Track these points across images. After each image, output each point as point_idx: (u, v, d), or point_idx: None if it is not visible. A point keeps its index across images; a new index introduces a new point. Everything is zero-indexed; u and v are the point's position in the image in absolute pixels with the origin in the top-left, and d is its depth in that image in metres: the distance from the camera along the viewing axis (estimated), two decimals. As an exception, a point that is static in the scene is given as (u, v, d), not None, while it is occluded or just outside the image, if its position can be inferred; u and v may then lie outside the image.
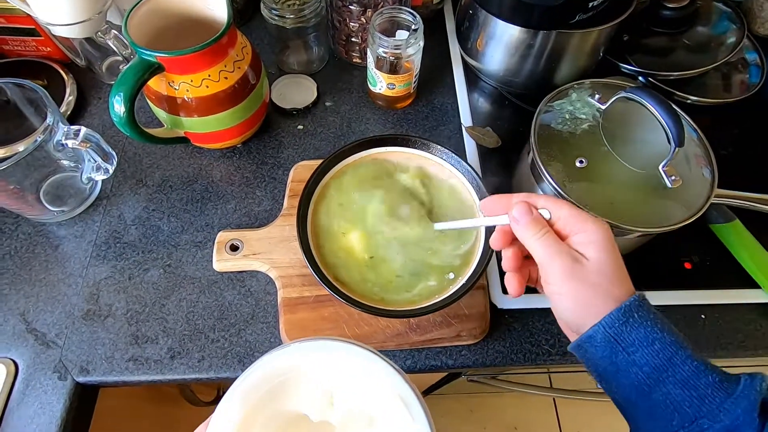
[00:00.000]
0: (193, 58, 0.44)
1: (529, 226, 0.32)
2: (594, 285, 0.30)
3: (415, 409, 0.23)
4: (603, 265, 0.31)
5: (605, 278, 0.30)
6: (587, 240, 0.31)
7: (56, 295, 0.47)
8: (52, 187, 0.49)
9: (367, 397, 0.25)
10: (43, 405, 0.42)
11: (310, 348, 0.25)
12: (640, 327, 0.29)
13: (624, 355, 0.29)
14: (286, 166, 0.56)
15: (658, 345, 0.29)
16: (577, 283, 0.30)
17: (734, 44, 0.60)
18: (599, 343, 0.30)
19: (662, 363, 0.28)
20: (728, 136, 0.61)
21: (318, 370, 0.25)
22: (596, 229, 0.31)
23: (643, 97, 0.42)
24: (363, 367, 0.24)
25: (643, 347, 0.29)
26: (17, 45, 0.60)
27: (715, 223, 0.52)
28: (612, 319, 0.29)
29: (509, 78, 0.60)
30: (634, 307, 0.30)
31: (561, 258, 0.31)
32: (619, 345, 0.29)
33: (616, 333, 0.29)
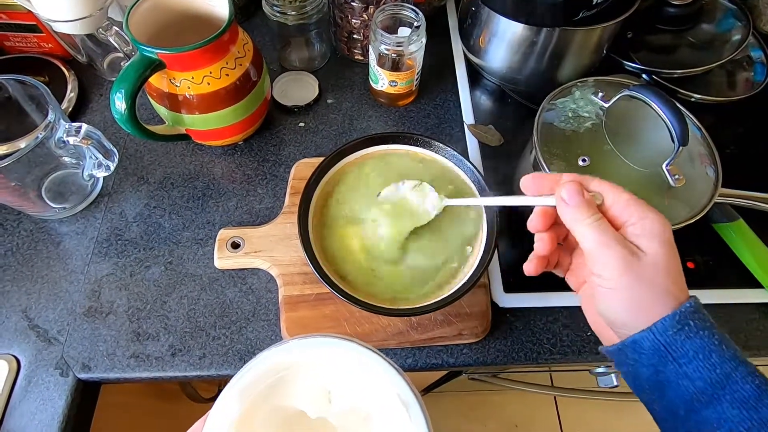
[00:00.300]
0: (194, 55, 0.44)
1: (581, 209, 0.29)
2: (652, 282, 0.27)
3: (413, 410, 0.23)
4: (664, 260, 0.28)
5: (665, 276, 0.27)
6: (646, 231, 0.28)
7: (58, 291, 0.47)
8: (53, 184, 0.49)
9: (365, 394, 0.25)
10: (45, 401, 0.42)
11: (309, 344, 0.24)
12: (696, 337, 0.26)
13: (675, 366, 0.26)
14: (287, 164, 0.56)
15: (716, 358, 0.26)
16: (633, 278, 0.27)
17: (739, 42, 0.59)
18: (646, 350, 0.27)
19: (719, 378, 0.26)
20: (732, 135, 0.60)
21: (317, 366, 0.25)
22: (655, 220, 0.28)
23: (646, 95, 0.41)
24: (362, 364, 0.24)
25: (698, 360, 0.26)
26: (18, 41, 0.60)
27: (719, 222, 0.51)
28: (665, 326, 0.26)
29: (512, 75, 0.60)
30: (689, 314, 0.27)
31: (617, 248, 0.28)
32: (670, 355, 0.26)
33: (668, 342, 0.26)
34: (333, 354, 0.24)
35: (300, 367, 0.25)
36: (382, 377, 0.24)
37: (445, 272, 0.43)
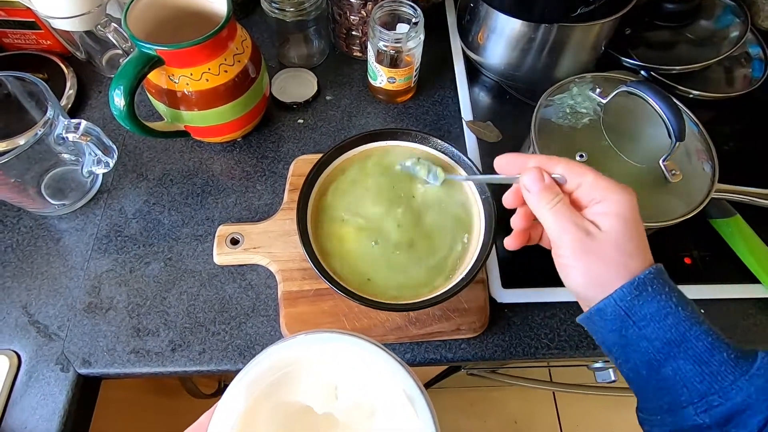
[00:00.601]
0: (193, 52, 0.44)
1: (540, 195, 0.31)
2: (607, 259, 0.29)
3: (419, 404, 0.23)
4: (619, 237, 0.29)
5: (620, 251, 0.29)
6: (606, 210, 0.30)
7: (58, 287, 0.47)
8: (53, 181, 0.49)
9: (371, 390, 0.25)
10: (46, 396, 0.42)
11: (316, 340, 0.25)
12: (653, 301, 0.28)
13: (635, 329, 0.28)
14: (286, 160, 0.56)
15: (671, 319, 0.28)
16: (588, 256, 0.29)
17: (737, 38, 0.59)
18: (609, 316, 0.29)
19: (675, 338, 0.27)
20: (730, 131, 0.61)
21: (323, 362, 0.25)
22: (619, 198, 0.29)
23: (644, 91, 0.42)
24: (368, 360, 0.24)
25: (655, 321, 0.28)
26: (17, 38, 0.60)
27: (716, 218, 0.51)
28: (624, 293, 0.28)
29: (510, 72, 0.60)
30: (648, 281, 0.28)
31: (573, 230, 0.30)
32: (630, 319, 0.28)
33: (627, 306, 0.28)
34: (339, 349, 0.24)
35: (306, 363, 0.25)
36: (387, 372, 0.24)
37: (443, 267, 0.43)
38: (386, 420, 0.24)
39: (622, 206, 0.29)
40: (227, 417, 0.23)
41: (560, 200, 0.30)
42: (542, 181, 0.31)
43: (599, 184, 0.30)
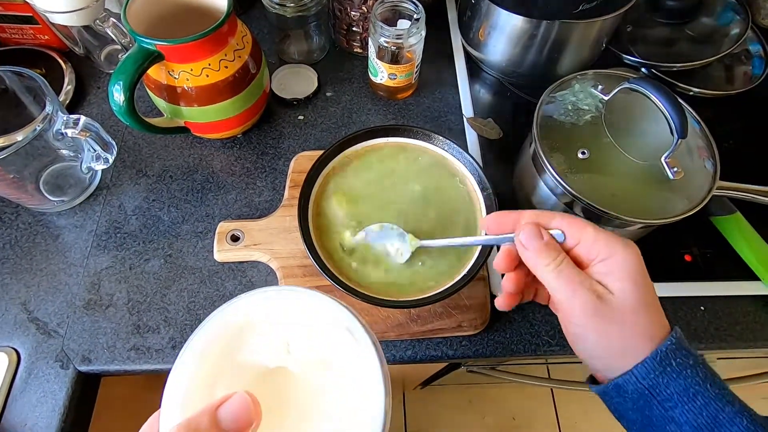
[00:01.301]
0: (193, 47, 0.43)
1: (540, 254, 0.28)
2: (624, 324, 0.26)
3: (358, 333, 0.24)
4: (633, 299, 0.26)
5: (637, 315, 0.26)
6: (615, 269, 0.27)
7: (57, 284, 0.47)
8: (51, 177, 0.49)
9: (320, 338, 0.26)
10: (46, 393, 0.42)
11: (260, 298, 0.26)
12: (680, 377, 0.25)
13: (660, 410, 0.25)
14: (286, 157, 0.56)
15: (701, 400, 0.25)
16: (602, 321, 0.26)
17: (738, 35, 0.59)
18: (630, 395, 0.26)
19: (706, 422, 0.24)
20: (730, 128, 0.61)
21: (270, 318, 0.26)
22: (624, 255, 0.27)
23: (646, 87, 0.41)
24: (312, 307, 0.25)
25: (683, 403, 0.25)
26: (15, 33, 0.59)
27: (716, 215, 0.52)
28: (647, 369, 0.25)
29: (511, 69, 0.60)
30: (671, 353, 0.25)
31: (583, 294, 0.27)
32: (655, 399, 0.25)
33: (651, 385, 0.25)
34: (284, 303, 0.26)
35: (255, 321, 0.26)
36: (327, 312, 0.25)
37: (444, 264, 0.43)
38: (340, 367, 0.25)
39: (630, 265, 0.27)
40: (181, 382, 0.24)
41: (563, 259, 0.28)
42: (541, 239, 0.28)
43: (600, 240, 0.27)
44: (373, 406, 0.23)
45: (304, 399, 0.25)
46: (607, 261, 0.27)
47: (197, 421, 0.21)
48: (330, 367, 0.25)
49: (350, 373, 0.25)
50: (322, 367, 0.25)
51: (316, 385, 0.25)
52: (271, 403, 0.24)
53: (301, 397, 0.25)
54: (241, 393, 0.22)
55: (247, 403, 0.22)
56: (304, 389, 0.25)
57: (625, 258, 0.27)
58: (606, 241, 0.27)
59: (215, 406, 0.22)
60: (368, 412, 0.23)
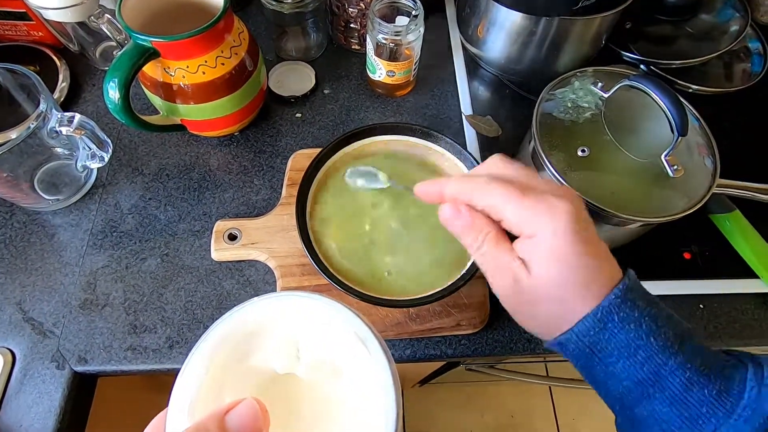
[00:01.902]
0: (189, 44, 0.43)
1: (462, 236, 0.27)
2: (549, 300, 0.25)
3: (371, 344, 0.23)
4: (556, 278, 0.25)
5: (563, 288, 0.25)
6: (532, 250, 0.25)
7: (53, 284, 0.46)
8: (46, 175, 0.48)
9: (331, 345, 0.25)
10: (42, 394, 0.41)
11: (270, 302, 0.25)
12: (621, 332, 0.24)
13: (602, 366, 0.25)
14: (284, 155, 0.55)
15: (642, 354, 0.24)
16: (525, 302, 0.26)
17: (737, 33, 0.59)
18: (572, 352, 0.26)
19: (647, 376, 0.24)
20: (730, 126, 0.60)
21: (281, 323, 0.25)
22: (546, 235, 0.25)
23: (646, 85, 0.41)
24: (323, 314, 0.25)
25: (625, 358, 0.24)
26: (8, 29, 0.58)
27: (715, 213, 0.51)
28: (586, 327, 0.25)
29: (511, 66, 0.59)
30: (614, 307, 0.24)
31: (499, 273, 0.26)
32: (596, 356, 0.25)
33: (592, 342, 0.25)
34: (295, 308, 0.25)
35: (263, 326, 0.25)
36: (341, 322, 0.24)
37: (443, 263, 0.43)
38: (350, 377, 0.24)
39: (551, 245, 0.24)
40: (190, 386, 0.23)
41: (485, 239, 0.26)
42: (459, 218, 0.27)
43: (521, 220, 0.25)
44: (383, 417, 0.22)
45: (312, 406, 0.24)
46: (531, 240, 0.25)
47: (204, 426, 0.20)
48: (340, 375, 0.25)
49: (361, 383, 0.24)
50: (332, 375, 0.25)
51: (325, 392, 0.24)
52: (279, 409, 0.24)
53: (310, 404, 0.24)
54: (249, 399, 0.22)
55: (256, 410, 0.21)
56: (313, 397, 0.24)
57: (545, 229, 0.24)
58: (529, 218, 0.25)
59: (223, 412, 0.21)
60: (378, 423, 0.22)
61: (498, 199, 0.25)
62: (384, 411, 0.22)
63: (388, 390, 0.23)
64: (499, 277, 0.26)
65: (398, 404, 0.22)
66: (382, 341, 0.24)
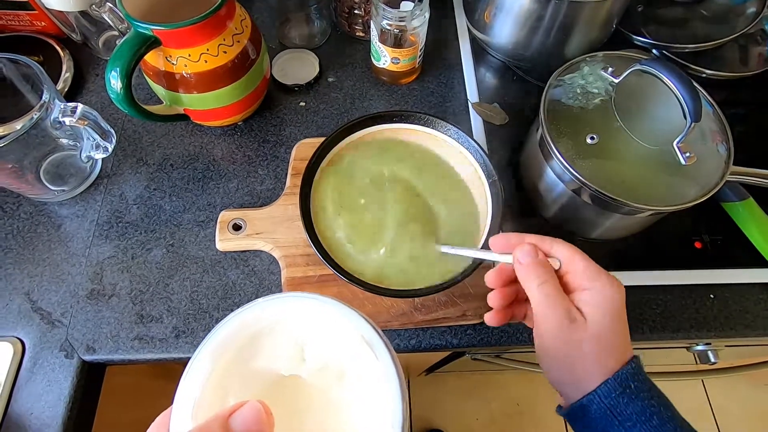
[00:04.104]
0: (190, 31, 0.42)
1: (531, 269, 0.31)
2: (585, 351, 0.29)
3: (378, 348, 0.23)
4: (602, 330, 0.29)
5: (600, 347, 0.29)
6: (592, 300, 0.29)
7: (60, 274, 0.47)
8: (51, 166, 0.48)
9: (338, 348, 0.25)
10: (51, 383, 0.42)
11: (277, 303, 0.25)
12: (637, 399, 0.28)
13: (620, 429, 0.28)
14: (288, 144, 0.55)
15: (656, 420, 0.27)
16: (567, 344, 0.29)
17: (754, 15, 0.57)
18: (594, 414, 0.28)
19: None
20: (745, 112, 0.59)
21: (287, 325, 0.25)
22: (606, 289, 0.29)
23: (658, 69, 0.40)
24: (330, 316, 0.24)
25: (642, 423, 0.27)
26: (11, 19, 0.58)
27: (728, 201, 0.50)
28: (608, 389, 0.28)
29: (518, 52, 0.58)
30: (630, 376, 0.28)
31: (558, 313, 0.29)
32: (616, 419, 0.28)
33: (612, 405, 0.28)
34: (301, 310, 0.25)
35: (271, 327, 0.25)
36: (348, 324, 0.24)
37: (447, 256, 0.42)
38: (354, 381, 0.24)
39: (609, 299, 0.29)
40: (193, 386, 0.23)
41: (550, 278, 0.30)
42: (536, 256, 0.31)
43: (589, 271, 0.30)
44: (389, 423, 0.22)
45: (316, 409, 0.24)
46: (590, 291, 0.30)
47: (208, 428, 0.21)
48: (345, 377, 0.24)
49: (367, 387, 0.24)
50: (337, 378, 0.24)
51: (330, 395, 0.24)
52: (283, 412, 0.23)
53: (314, 407, 0.24)
54: (254, 402, 0.22)
55: (260, 412, 0.21)
56: (318, 399, 0.24)
57: (604, 291, 0.29)
58: (591, 274, 0.30)
59: (227, 414, 0.21)
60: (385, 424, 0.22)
61: (574, 254, 0.31)
62: (390, 417, 0.22)
63: (395, 396, 0.22)
64: (555, 311, 0.29)
65: (404, 411, 0.22)
66: (390, 346, 0.24)
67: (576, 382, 0.29)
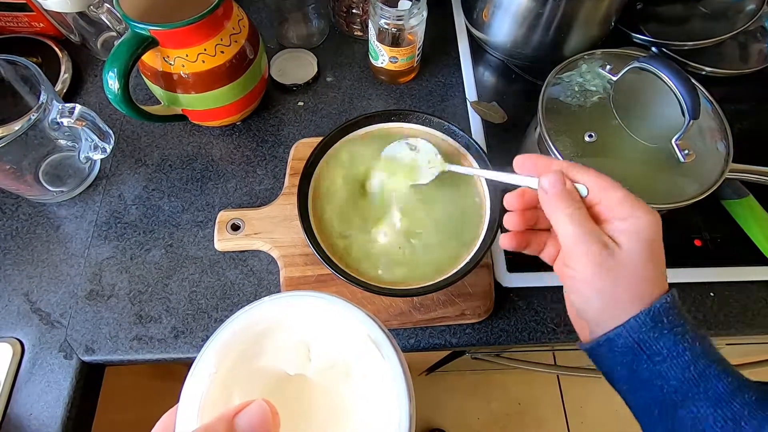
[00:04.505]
0: (187, 31, 0.42)
1: (559, 198, 0.28)
2: (623, 280, 0.27)
3: (385, 348, 0.23)
4: (639, 258, 0.27)
5: (638, 275, 0.27)
6: (629, 228, 0.27)
7: (59, 275, 0.47)
8: (50, 167, 0.48)
9: (344, 348, 0.25)
10: (50, 383, 0.42)
11: (283, 302, 0.25)
12: (670, 334, 0.26)
13: (648, 364, 0.26)
14: (286, 144, 0.55)
15: (689, 355, 0.25)
16: (604, 274, 0.27)
17: (754, 11, 0.57)
18: (620, 348, 0.27)
19: (693, 377, 0.25)
20: (744, 109, 0.59)
21: (293, 324, 0.25)
22: (646, 218, 0.27)
23: (656, 66, 0.40)
24: (336, 315, 0.24)
25: (672, 358, 0.25)
26: (9, 21, 0.58)
27: (728, 198, 0.50)
28: (638, 323, 0.26)
29: (516, 50, 0.58)
30: (664, 311, 0.26)
31: (590, 241, 0.27)
32: (644, 353, 0.26)
33: (641, 339, 0.26)
34: (307, 308, 0.25)
35: (276, 326, 0.25)
36: (354, 323, 0.24)
37: (447, 252, 0.42)
38: (361, 379, 0.24)
39: (648, 226, 0.27)
40: (199, 385, 0.23)
41: (580, 207, 0.28)
42: (563, 184, 0.29)
43: (627, 201, 0.28)
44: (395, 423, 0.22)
45: (322, 408, 0.24)
46: (626, 220, 0.27)
47: (214, 428, 0.20)
48: (351, 376, 0.24)
49: (373, 387, 0.23)
50: (344, 378, 0.24)
51: (336, 394, 0.24)
52: (289, 411, 0.23)
53: (320, 406, 0.24)
54: (259, 401, 0.22)
55: (266, 412, 0.21)
56: (324, 398, 0.24)
57: (642, 220, 0.27)
58: (631, 204, 0.27)
59: (232, 413, 0.21)
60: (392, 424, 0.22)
61: (610, 183, 0.28)
62: (397, 417, 0.22)
63: (402, 396, 0.22)
64: (588, 241, 0.27)
65: (412, 411, 0.22)
66: (396, 346, 0.23)
67: (610, 310, 0.27)
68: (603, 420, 1.19)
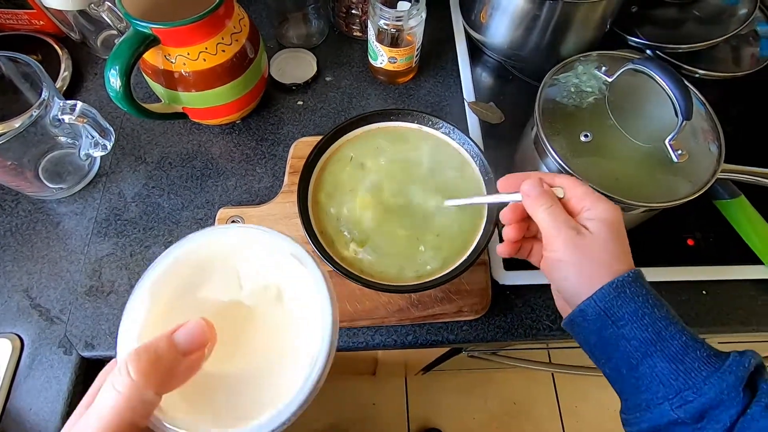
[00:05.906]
0: (189, 30, 0.43)
1: (539, 199, 0.34)
2: (594, 257, 0.31)
3: (306, 261, 0.26)
4: (605, 239, 0.32)
5: (606, 252, 0.31)
6: (595, 216, 0.32)
7: (59, 271, 0.47)
8: (50, 164, 0.48)
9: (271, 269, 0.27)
10: (50, 379, 0.42)
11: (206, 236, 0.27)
12: (631, 302, 0.30)
13: (613, 328, 0.30)
14: (286, 143, 0.55)
15: (648, 319, 0.29)
16: (579, 252, 0.32)
17: (746, 16, 0.58)
18: (590, 316, 0.31)
19: (651, 337, 0.29)
20: (737, 111, 0.60)
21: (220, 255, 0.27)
22: (606, 207, 0.33)
23: (651, 68, 0.41)
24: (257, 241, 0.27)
25: (633, 321, 0.30)
26: (9, 18, 0.58)
27: (720, 198, 0.51)
28: (604, 293, 0.30)
29: (514, 51, 0.59)
30: (627, 283, 0.30)
31: (565, 229, 0.32)
32: (609, 318, 0.30)
33: (606, 306, 0.30)
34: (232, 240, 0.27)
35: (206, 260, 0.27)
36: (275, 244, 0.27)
37: (447, 251, 0.43)
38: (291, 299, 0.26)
39: (609, 214, 0.32)
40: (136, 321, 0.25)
41: (554, 204, 0.34)
42: (540, 186, 0.34)
43: (590, 195, 0.33)
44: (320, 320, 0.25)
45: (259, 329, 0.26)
46: (592, 210, 0.33)
47: (155, 345, 0.23)
48: (283, 297, 0.26)
49: (300, 296, 0.26)
50: (276, 300, 0.26)
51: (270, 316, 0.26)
52: (228, 335, 0.25)
53: (257, 327, 0.26)
54: (196, 318, 0.24)
55: (202, 325, 0.24)
56: (260, 320, 0.26)
57: (606, 208, 0.33)
58: (593, 197, 0.33)
59: (172, 331, 0.24)
60: (317, 326, 0.25)
61: (575, 182, 0.34)
62: (322, 316, 0.25)
63: (324, 299, 0.25)
64: (564, 229, 0.32)
65: (335, 315, 0.25)
66: (316, 260, 0.27)
67: (585, 283, 0.31)
68: (597, 419, 1.20)
